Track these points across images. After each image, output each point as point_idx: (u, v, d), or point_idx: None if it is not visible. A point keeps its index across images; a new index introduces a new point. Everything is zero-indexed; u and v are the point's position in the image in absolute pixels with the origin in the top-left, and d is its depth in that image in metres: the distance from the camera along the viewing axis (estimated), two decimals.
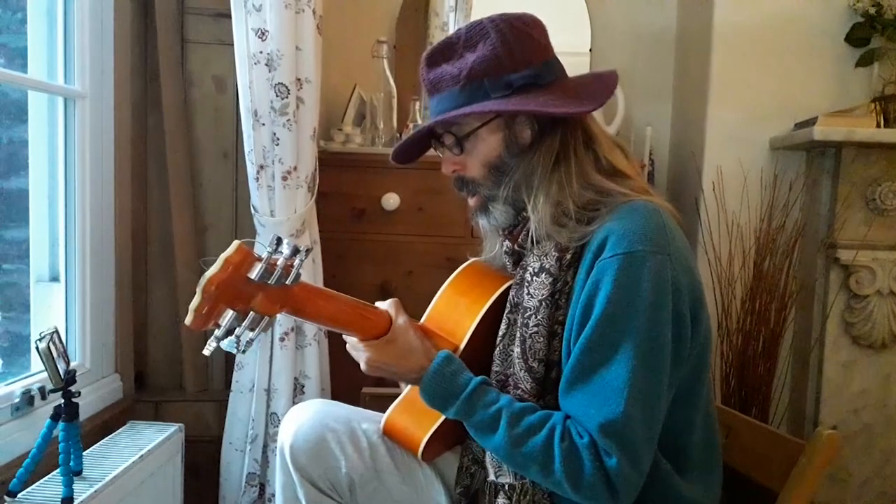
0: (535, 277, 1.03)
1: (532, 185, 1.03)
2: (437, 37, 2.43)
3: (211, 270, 0.83)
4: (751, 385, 2.01)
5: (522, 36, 1.04)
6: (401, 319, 1.08)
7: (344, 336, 1.10)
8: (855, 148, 1.94)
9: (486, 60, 1.02)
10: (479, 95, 1.03)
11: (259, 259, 0.86)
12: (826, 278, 2.01)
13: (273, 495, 1.80)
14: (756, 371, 2.00)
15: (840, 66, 2.10)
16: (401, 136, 2.20)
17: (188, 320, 0.83)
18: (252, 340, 0.85)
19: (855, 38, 2.07)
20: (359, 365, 1.10)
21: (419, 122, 2.15)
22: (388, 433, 1.18)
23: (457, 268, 1.20)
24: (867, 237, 1.95)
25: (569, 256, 1.01)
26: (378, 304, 1.10)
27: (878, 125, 1.92)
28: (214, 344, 0.85)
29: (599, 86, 1.10)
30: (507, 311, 1.07)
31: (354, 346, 1.08)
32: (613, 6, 2.44)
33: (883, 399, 2.00)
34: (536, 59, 1.05)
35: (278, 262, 0.86)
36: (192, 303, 0.82)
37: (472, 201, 1.12)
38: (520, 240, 1.08)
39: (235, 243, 0.85)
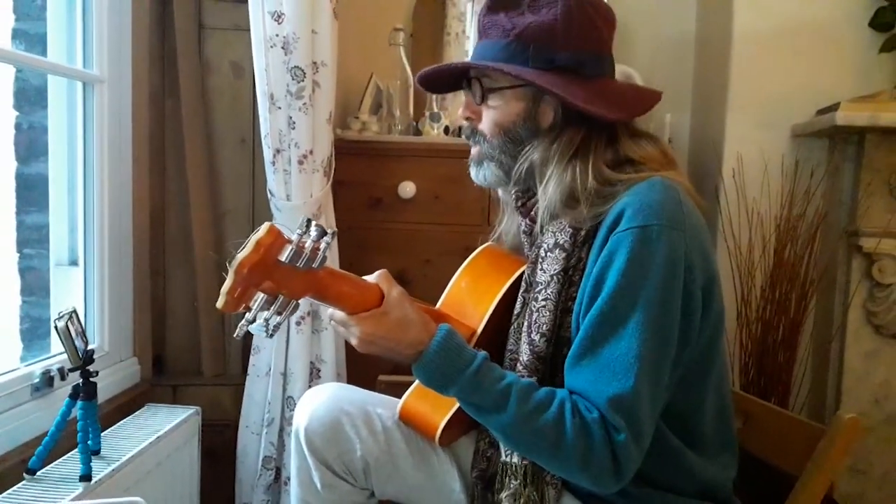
0: (548, 253, 1.02)
1: (545, 173, 1.02)
2: (454, 25, 2.41)
3: (243, 252, 0.81)
4: (770, 374, 1.98)
5: (586, 20, 1.02)
6: (395, 291, 1.00)
7: (329, 311, 1.01)
8: (878, 134, 1.90)
9: (541, 28, 1.01)
10: (519, 58, 1.01)
11: (288, 241, 0.85)
12: (848, 267, 1.97)
13: (289, 479, 1.80)
14: (776, 360, 1.98)
15: (863, 52, 2.06)
16: (417, 124, 2.19)
17: (220, 304, 0.81)
18: (279, 325, 0.84)
19: (879, 22, 2.03)
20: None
21: (435, 110, 2.14)
22: (404, 419, 1.16)
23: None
24: (890, 225, 1.91)
25: (583, 233, 1.00)
26: (366, 277, 1.03)
27: None
28: (246, 327, 0.84)
29: (638, 99, 1.09)
30: (522, 290, 1.07)
31: (343, 322, 0.99)
32: None
33: None
34: (589, 48, 1.03)
35: (306, 245, 0.85)
36: (224, 285, 0.81)
37: (473, 150, 1.12)
38: (533, 213, 1.07)
39: (266, 224, 0.83)
